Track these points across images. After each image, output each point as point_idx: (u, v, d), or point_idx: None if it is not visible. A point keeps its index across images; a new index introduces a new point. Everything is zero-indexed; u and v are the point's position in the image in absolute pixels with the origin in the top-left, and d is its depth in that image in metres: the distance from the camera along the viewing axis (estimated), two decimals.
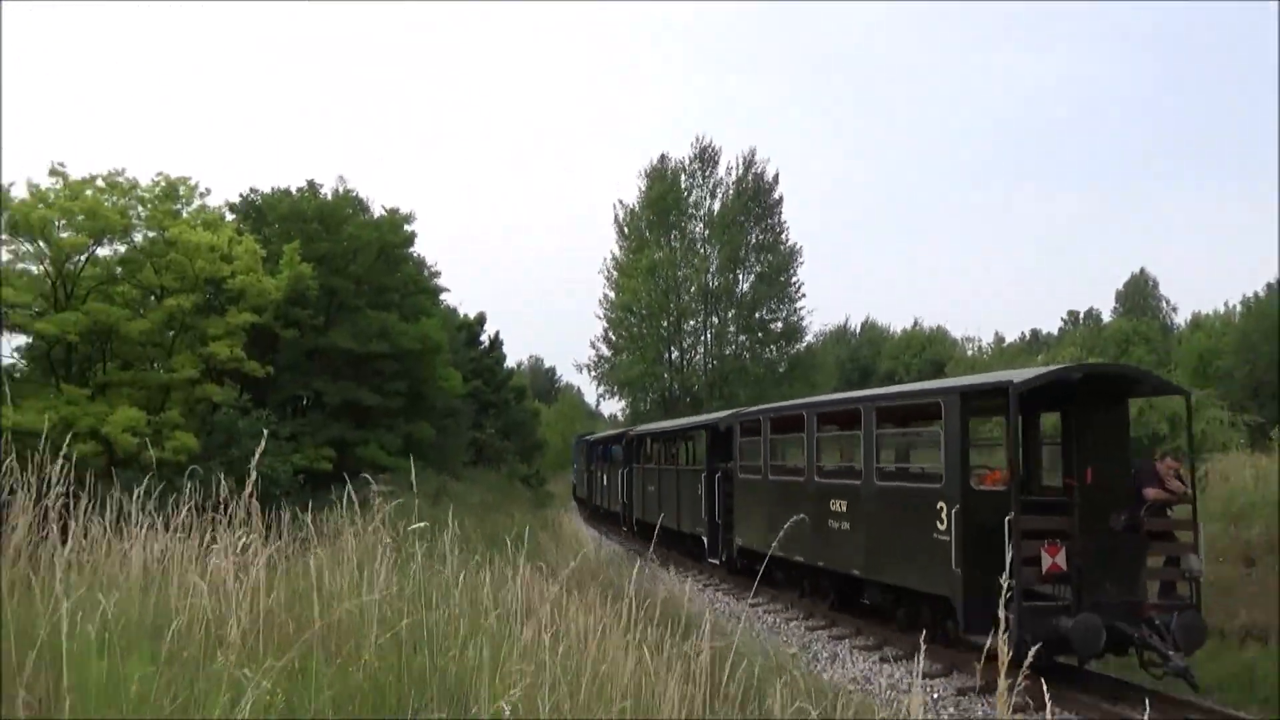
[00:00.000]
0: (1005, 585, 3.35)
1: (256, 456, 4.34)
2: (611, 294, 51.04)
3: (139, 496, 4.75)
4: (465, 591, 5.53)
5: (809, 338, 50.83)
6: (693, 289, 48.35)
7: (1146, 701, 7.28)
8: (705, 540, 18.18)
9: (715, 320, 49.41)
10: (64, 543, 4.01)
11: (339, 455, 28.73)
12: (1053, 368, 10.52)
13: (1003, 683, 2.31)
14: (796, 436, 14.13)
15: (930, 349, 61.66)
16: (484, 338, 57.22)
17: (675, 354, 49.89)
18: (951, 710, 9.35)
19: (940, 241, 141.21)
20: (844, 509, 12.03)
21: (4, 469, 3.99)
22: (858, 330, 72.53)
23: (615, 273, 50.76)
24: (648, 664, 4.41)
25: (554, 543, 16.70)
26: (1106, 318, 69.92)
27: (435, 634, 3.96)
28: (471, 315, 55.25)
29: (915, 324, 69.16)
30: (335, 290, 30.72)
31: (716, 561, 16.07)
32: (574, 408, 75.39)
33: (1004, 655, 2.36)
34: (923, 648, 4.44)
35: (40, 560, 4.01)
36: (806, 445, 13.57)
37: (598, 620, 5.28)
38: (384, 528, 5.11)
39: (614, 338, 50.53)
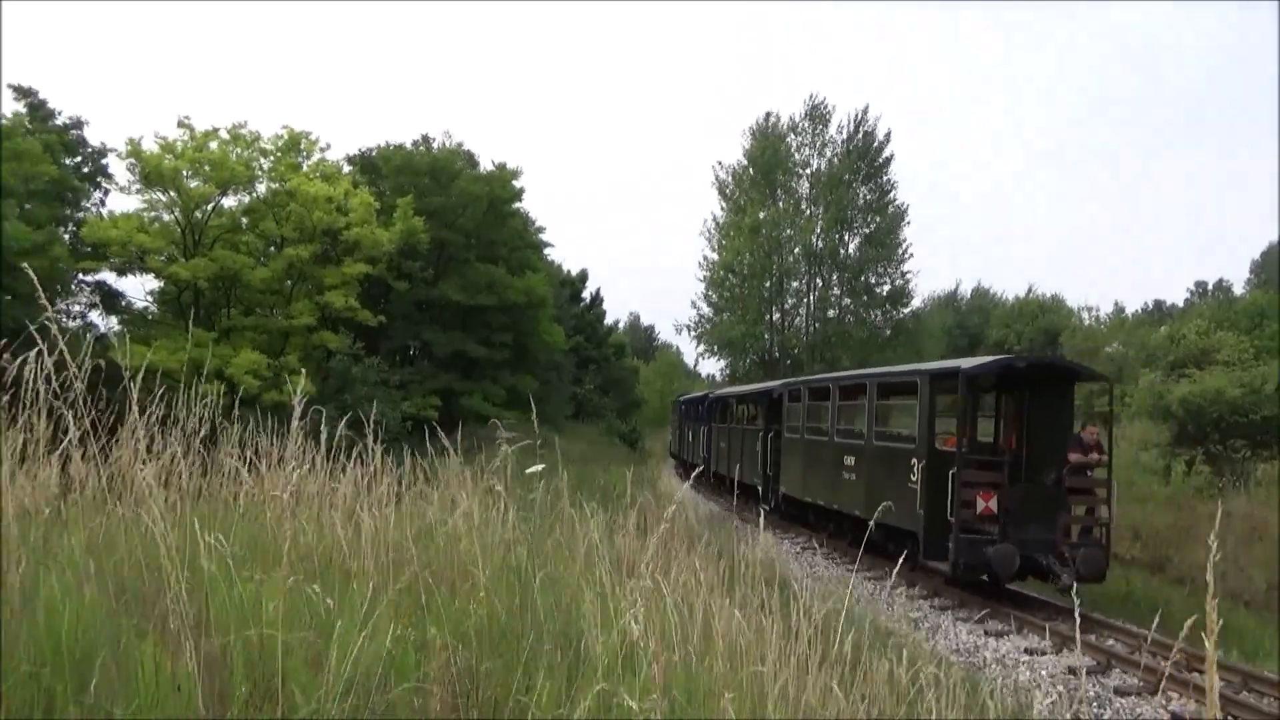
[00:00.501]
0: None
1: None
2: (713, 255, 50.70)
3: (275, 431, 4.98)
4: (570, 538, 5.64)
5: (916, 302, 49.64)
6: (796, 250, 47.61)
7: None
8: (760, 489, 21.09)
9: (819, 282, 48.64)
10: (204, 474, 4.23)
11: (445, 404, 29.54)
12: (999, 358, 13.46)
13: (1212, 676, 2.16)
14: (825, 404, 17.09)
15: (1044, 318, 59.19)
16: (585, 294, 57.77)
17: (776, 315, 49.36)
18: (1061, 689, 9.12)
19: (1059, 204, 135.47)
20: (852, 463, 15.14)
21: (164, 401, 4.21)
22: (968, 296, 70.23)
23: (716, 233, 50.36)
24: (746, 621, 4.41)
25: (652, 498, 16.82)
26: (1239, 290, 66.01)
27: (550, 577, 4.05)
28: (574, 272, 55.84)
29: (1029, 291, 66.54)
30: (445, 243, 31.41)
31: (767, 507, 18.46)
32: (672, 367, 75.55)
33: (1211, 646, 2.18)
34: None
35: (181, 488, 4.23)
36: (830, 411, 16.67)
37: (699, 578, 5.31)
38: (497, 474, 5.22)
39: (715, 298, 50.30)
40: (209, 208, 25.72)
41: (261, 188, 26.83)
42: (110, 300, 26.33)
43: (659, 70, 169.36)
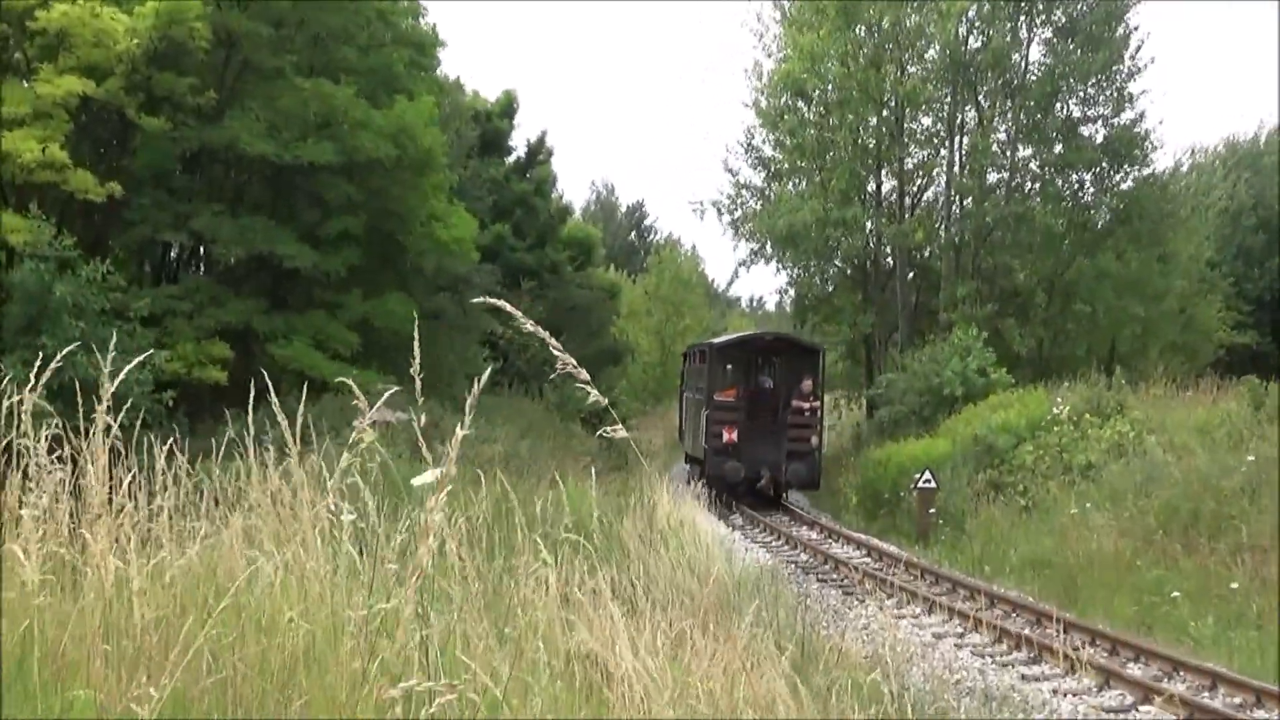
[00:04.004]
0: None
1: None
2: (767, 61, 50.37)
3: None
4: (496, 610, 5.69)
5: (1163, 159, 49.42)
6: (928, 55, 47.46)
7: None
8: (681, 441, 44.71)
9: (972, 117, 48.53)
10: None
11: (240, 357, 29.41)
12: (748, 334, 45.64)
13: None
14: (694, 366, 40.59)
15: None
16: (516, 143, 57.42)
17: (888, 184, 49.36)
18: None
19: None
20: (691, 414, 39.43)
21: None
22: (1262, 142, 68.58)
23: (776, 19, 50.04)
24: None
25: (646, 541, 17.14)
26: None
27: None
28: (489, 99, 55.55)
29: None
30: (235, 39, 31.08)
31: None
32: (684, 284, 74.61)
33: None
34: None
35: None
36: (692, 373, 41.54)
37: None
38: (348, 490, 5.24)
39: (769, 150, 50.13)
40: None
41: None
42: None
43: None
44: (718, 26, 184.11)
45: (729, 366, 37.74)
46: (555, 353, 4.75)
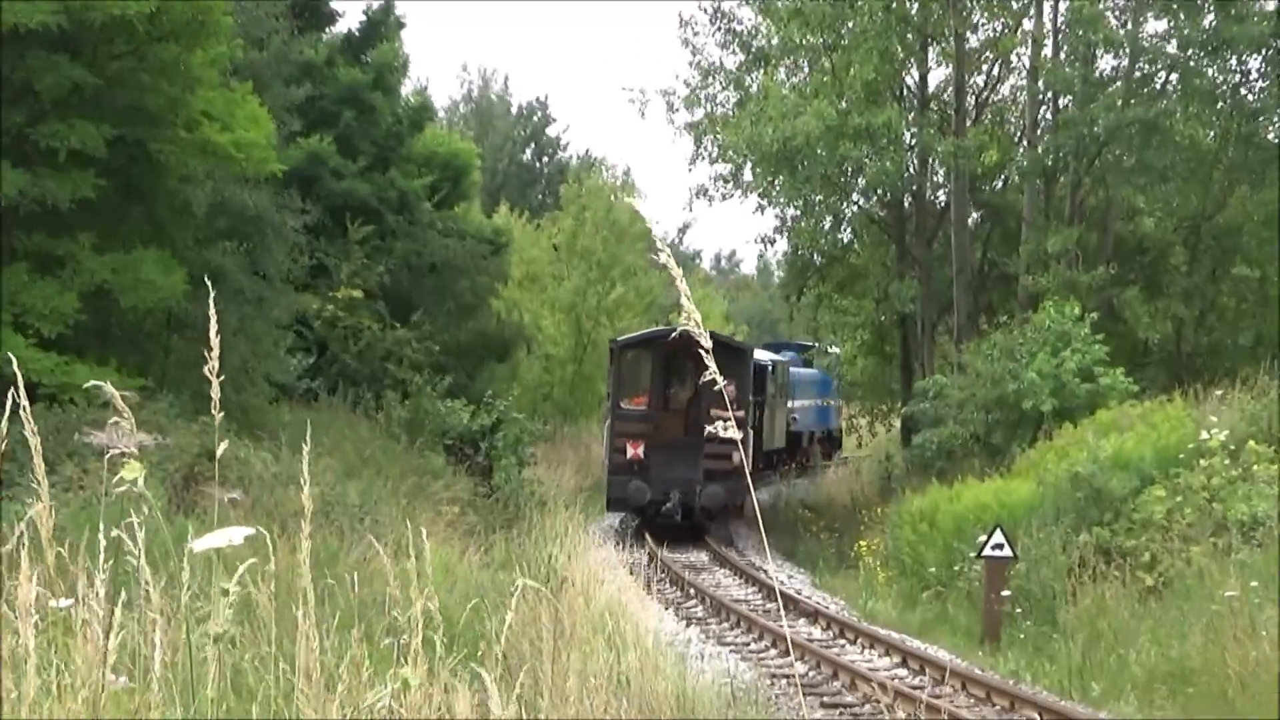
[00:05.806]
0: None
1: None
2: None
3: None
4: None
5: None
6: None
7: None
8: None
9: None
10: None
11: None
12: (656, 329, 64.38)
13: None
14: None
15: None
16: (345, 10, 57.52)
17: (939, 74, 49.72)
18: None
19: None
20: (603, 426, 63.72)
21: None
22: None
23: None
24: None
25: (548, 640, 17.45)
26: None
27: None
28: None
29: None
30: None
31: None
32: (617, 230, 74.29)
33: None
34: None
35: None
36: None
37: None
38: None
39: (751, 17, 50.48)
40: None
41: None
42: None
43: None
44: None
45: (637, 369, 54.37)
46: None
